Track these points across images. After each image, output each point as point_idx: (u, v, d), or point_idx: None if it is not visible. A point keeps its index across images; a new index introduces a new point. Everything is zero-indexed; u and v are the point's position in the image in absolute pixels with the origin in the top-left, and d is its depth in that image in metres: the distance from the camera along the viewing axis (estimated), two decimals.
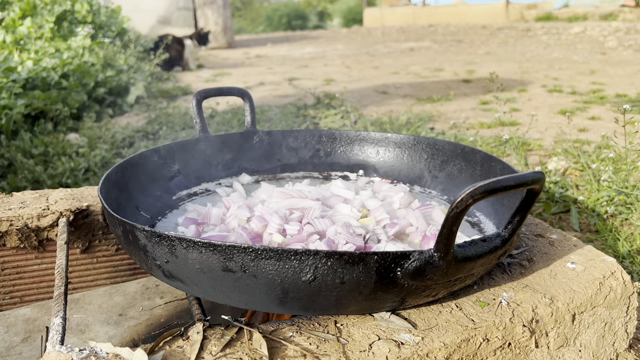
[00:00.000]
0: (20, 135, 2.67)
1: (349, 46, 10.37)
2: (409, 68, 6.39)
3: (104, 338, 0.90)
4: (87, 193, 1.09)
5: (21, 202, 1.03)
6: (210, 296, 0.66)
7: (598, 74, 5.20)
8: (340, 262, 0.58)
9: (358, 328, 0.64)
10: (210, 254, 0.60)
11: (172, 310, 0.99)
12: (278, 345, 0.60)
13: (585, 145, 2.46)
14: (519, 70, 5.65)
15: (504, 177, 0.56)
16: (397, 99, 4.22)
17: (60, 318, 0.63)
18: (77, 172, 2.19)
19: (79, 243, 1.04)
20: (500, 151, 2.31)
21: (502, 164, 0.95)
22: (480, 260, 0.62)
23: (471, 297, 0.71)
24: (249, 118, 1.19)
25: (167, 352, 0.58)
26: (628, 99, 3.69)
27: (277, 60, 8.07)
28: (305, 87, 4.64)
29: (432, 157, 1.11)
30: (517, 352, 0.67)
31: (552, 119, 3.24)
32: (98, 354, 0.56)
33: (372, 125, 3.02)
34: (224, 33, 10.94)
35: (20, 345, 0.89)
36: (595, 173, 1.82)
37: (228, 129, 3.09)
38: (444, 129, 2.99)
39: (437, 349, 0.61)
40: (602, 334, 0.76)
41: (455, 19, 16.54)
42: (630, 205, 1.60)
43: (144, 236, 0.65)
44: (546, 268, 0.79)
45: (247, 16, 29.30)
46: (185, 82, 5.77)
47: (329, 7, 29.54)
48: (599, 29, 10.14)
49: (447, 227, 0.56)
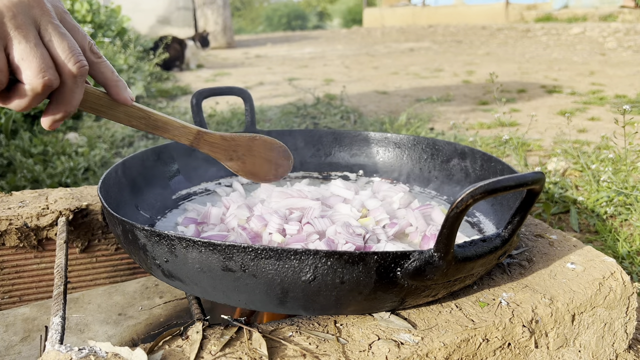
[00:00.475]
0: (20, 135, 2.66)
1: (348, 46, 10.37)
2: (408, 68, 6.39)
3: (103, 337, 0.90)
4: (86, 192, 1.08)
5: (20, 201, 1.03)
6: (209, 296, 0.66)
7: (597, 75, 5.20)
8: (340, 262, 0.58)
9: (358, 328, 0.64)
10: (210, 254, 0.60)
11: (172, 309, 0.99)
12: (278, 345, 0.60)
13: (585, 146, 2.46)
14: (518, 71, 5.66)
15: (504, 177, 0.56)
16: (397, 99, 4.22)
17: (59, 317, 0.63)
18: (76, 172, 2.19)
19: (78, 242, 1.04)
20: (499, 151, 2.31)
21: (501, 164, 0.95)
22: (480, 260, 0.62)
23: (471, 297, 0.71)
24: (249, 118, 1.18)
25: (167, 351, 0.58)
26: (627, 100, 3.70)
27: (276, 60, 8.07)
28: (304, 87, 4.64)
29: (432, 157, 1.11)
30: (516, 352, 0.67)
31: (552, 120, 3.24)
32: (97, 354, 0.56)
33: (372, 125, 3.02)
34: (224, 33, 10.95)
35: (19, 344, 0.89)
36: (595, 174, 1.82)
37: (227, 128, 3.08)
38: (443, 129, 2.99)
39: (436, 349, 0.61)
40: (602, 334, 0.76)
41: (455, 19, 16.55)
42: (630, 206, 1.60)
43: (143, 235, 0.65)
44: (546, 268, 0.79)
45: (246, 16, 29.31)
46: (185, 81, 5.77)
47: (329, 8, 29.54)
48: (599, 29, 10.15)
49: (447, 227, 0.56)
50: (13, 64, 0.57)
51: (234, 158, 0.90)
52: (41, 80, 0.57)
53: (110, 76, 0.68)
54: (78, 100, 0.63)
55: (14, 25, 0.56)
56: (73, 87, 0.61)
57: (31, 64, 0.56)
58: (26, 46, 0.56)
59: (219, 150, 0.88)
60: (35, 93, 0.58)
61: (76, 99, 0.63)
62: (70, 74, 0.60)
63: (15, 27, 0.56)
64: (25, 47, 0.56)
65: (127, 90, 0.70)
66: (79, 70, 0.60)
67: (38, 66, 0.57)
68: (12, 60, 0.57)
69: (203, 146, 0.85)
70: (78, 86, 0.62)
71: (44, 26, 0.59)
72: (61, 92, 0.61)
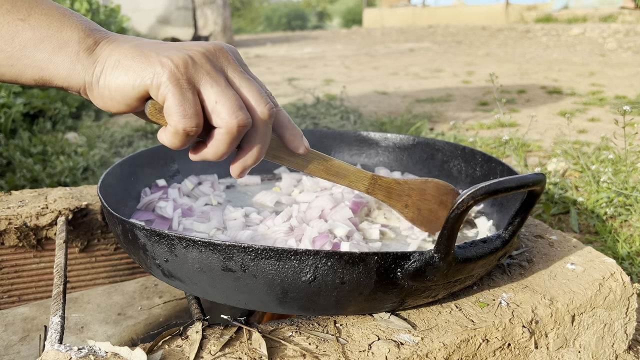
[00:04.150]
0: (19, 134, 2.66)
1: (348, 47, 10.38)
2: (408, 69, 6.39)
3: (103, 337, 0.90)
4: (86, 192, 1.08)
5: (20, 200, 1.03)
6: (209, 296, 0.66)
7: (597, 76, 5.21)
8: (341, 263, 0.58)
9: (357, 328, 0.64)
10: (210, 254, 0.60)
11: (171, 309, 0.99)
12: (277, 345, 0.60)
13: (585, 147, 2.46)
14: (518, 72, 5.66)
15: (505, 178, 0.56)
16: (397, 100, 4.22)
17: (58, 317, 0.63)
18: (76, 171, 2.19)
19: (77, 242, 1.04)
20: (499, 152, 2.31)
21: (502, 165, 0.95)
22: (480, 261, 0.62)
23: (471, 298, 0.71)
24: None
25: (166, 351, 0.58)
26: (627, 101, 3.70)
27: (276, 60, 8.07)
28: (304, 87, 4.64)
29: (432, 157, 1.11)
30: (516, 353, 0.67)
31: (552, 120, 3.24)
32: (97, 353, 0.56)
33: (372, 125, 3.02)
34: (224, 33, 10.94)
35: (18, 344, 0.89)
36: (595, 174, 1.82)
37: None
38: (443, 130, 2.99)
39: (436, 349, 0.61)
40: (602, 335, 0.76)
41: (455, 20, 16.57)
42: (630, 207, 1.60)
43: (143, 235, 0.65)
44: (546, 269, 0.79)
45: (246, 16, 29.32)
46: None
47: (329, 8, 29.55)
48: (599, 30, 10.16)
49: (448, 228, 0.56)
50: (207, 109, 0.56)
51: (409, 204, 0.82)
52: (236, 120, 0.56)
53: (287, 124, 0.66)
54: (266, 145, 0.61)
55: (205, 71, 0.56)
56: (264, 130, 0.60)
57: (225, 105, 0.55)
58: (219, 89, 0.55)
59: (394, 196, 0.81)
60: (232, 134, 0.56)
61: (266, 144, 0.61)
62: (262, 117, 0.59)
63: (207, 73, 0.56)
64: (218, 90, 0.55)
65: (304, 139, 0.67)
66: (269, 112, 0.59)
67: (232, 106, 0.55)
68: (206, 105, 0.56)
69: (378, 192, 0.79)
70: (268, 130, 0.60)
71: (231, 73, 0.58)
72: (253, 137, 0.59)
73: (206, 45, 0.59)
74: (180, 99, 0.54)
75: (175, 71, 0.54)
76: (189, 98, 0.55)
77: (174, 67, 0.54)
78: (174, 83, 0.54)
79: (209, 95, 0.56)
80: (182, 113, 0.54)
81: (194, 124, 0.55)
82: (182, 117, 0.55)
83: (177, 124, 0.55)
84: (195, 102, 0.55)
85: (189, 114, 0.55)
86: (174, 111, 0.55)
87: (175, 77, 0.54)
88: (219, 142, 0.57)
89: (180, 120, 0.55)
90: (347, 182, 0.76)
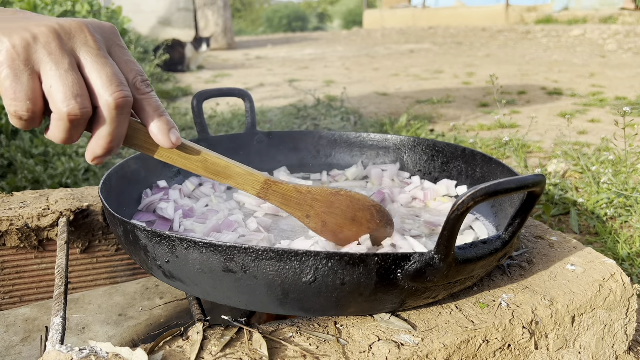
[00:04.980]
0: (20, 135, 2.66)
1: (349, 48, 10.38)
2: (409, 70, 6.40)
3: (104, 338, 0.90)
4: (87, 193, 1.09)
5: (21, 202, 1.03)
6: (210, 296, 0.66)
7: (598, 77, 5.21)
8: (341, 264, 0.58)
9: (358, 329, 0.64)
10: (211, 255, 0.60)
11: (172, 310, 0.99)
12: (278, 346, 0.60)
13: (585, 148, 2.46)
14: (518, 73, 5.66)
15: (506, 179, 0.56)
16: (397, 101, 4.23)
17: (60, 318, 0.63)
18: (77, 172, 2.19)
19: (79, 243, 1.04)
20: (500, 153, 2.32)
21: (502, 166, 0.95)
22: (480, 262, 0.62)
23: (471, 299, 0.71)
24: (249, 119, 1.19)
25: (167, 352, 0.58)
26: (628, 102, 3.70)
27: (277, 61, 8.08)
28: (305, 88, 4.65)
29: (432, 159, 1.12)
30: (516, 354, 0.67)
31: (552, 122, 3.24)
32: (98, 354, 0.56)
33: (372, 126, 3.02)
34: (224, 34, 10.96)
35: (19, 344, 0.89)
36: (595, 175, 1.82)
37: (228, 130, 3.09)
38: (444, 131, 3.00)
39: (437, 350, 0.61)
40: (602, 336, 0.76)
41: (455, 21, 16.57)
42: (630, 208, 1.60)
43: (144, 236, 0.65)
44: (546, 270, 0.79)
45: (247, 17, 29.34)
46: (186, 83, 5.78)
47: (329, 9, 29.56)
48: (599, 32, 10.17)
49: (448, 229, 0.56)
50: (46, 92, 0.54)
51: (312, 215, 0.75)
52: (67, 109, 0.53)
53: (152, 115, 0.61)
54: (119, 136, 0.57)
55: (47, 52, 0.53)
56: (112, 120, 0.56)
57: (59, 90, 0.53)
58: (57, 73, 0.53)
59: (292, 204, 0.74)
60: (64, 122, 0.54)
61: (117, 134, 0.57)
62: (107, 105, 0.55)
63: (49, 54, 0.53)
64: (56, 74, 0.53)
65: (172, 132, 0.61)
66: (117, 102, 0.55)
67: (66, 92, 0.53)
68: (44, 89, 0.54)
69: (272, 198, 0.73)
70: (118, 120, 0.56)
71: (83, 54, 0.55)
72: (99, 125, 0.56)
73: (62, 22, 0.55)
74: (12, 81, 0.52)
75: (12, 52, 0.52)
76: (23, 81, 0.52)
77: (10, 47, 0.52)
78: (9, 64, 0.52)
79: (46, 79, 0.53)
80: (11, 96, 0.52)
81: (25, 108, 0.53)
82: (12, 100, 0.53)
83: (8, 107, 0.53)
84: (29, 86, 0.53)
85: (19, 97, 0.52)
86: (5, 94, 0.53)
87: (11, 58, 0.52)
88: (55, 129, 0.55)
89: (11, 104, 0.53)
90: (234, 183, 0.70)
